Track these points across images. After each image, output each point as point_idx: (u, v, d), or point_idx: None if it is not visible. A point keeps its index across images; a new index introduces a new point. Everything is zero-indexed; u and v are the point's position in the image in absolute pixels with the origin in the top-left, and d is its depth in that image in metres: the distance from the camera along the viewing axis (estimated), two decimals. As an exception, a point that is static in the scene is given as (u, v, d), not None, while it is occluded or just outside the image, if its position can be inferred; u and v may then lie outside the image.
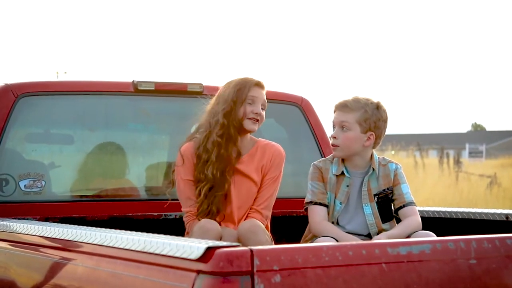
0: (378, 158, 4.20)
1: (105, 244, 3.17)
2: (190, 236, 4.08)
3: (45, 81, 4.83)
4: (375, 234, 4.09)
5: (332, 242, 3.63)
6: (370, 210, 4.13)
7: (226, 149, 4.21)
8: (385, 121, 4.14)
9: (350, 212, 4.14)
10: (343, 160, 4.15)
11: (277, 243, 4.29)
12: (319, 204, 4.10)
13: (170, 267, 2.78)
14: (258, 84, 4.29)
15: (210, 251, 2.61)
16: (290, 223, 4.94)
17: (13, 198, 4.46)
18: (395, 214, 4.16)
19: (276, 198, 4.37)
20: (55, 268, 3.58)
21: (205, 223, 4.05)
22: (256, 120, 4.24)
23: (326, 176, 4.14)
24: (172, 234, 3.32)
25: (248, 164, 4.28)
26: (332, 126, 4.16)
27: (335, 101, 4.13)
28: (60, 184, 4.80)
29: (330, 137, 4.23)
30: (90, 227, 3.61)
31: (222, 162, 4.19)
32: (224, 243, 2.66)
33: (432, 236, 3.87)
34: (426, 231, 3.98)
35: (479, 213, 4.52)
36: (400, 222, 4.11)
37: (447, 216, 4.71)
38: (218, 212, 4.20)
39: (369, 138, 4.10)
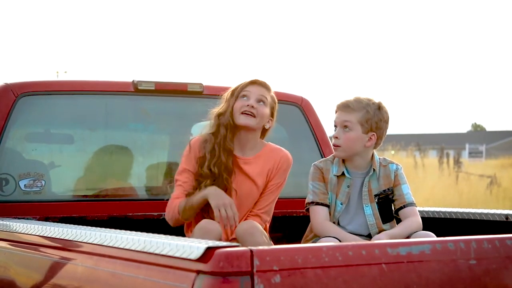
0: (379, 158, 4.20)
1: (105, 244, 3.17)
2: (191, 237, 4.07)
3: (45, 80, 4.82)
4: (375, 234, 4.08)
5: (332, 243, 3.63)
6: (370, 210, 4.13)
7: (220, 146, 4.17)
8: (386, 121, 4.14)
9: (350, 213, 4.14)
10: (343, 160, 4.15)
11: (277, 243, 4.29)
12: (321, 204, 4.10)
13: (170, 267, 2.77)
14: (252, 81, 4.25)
15: (210, 251, 2.61)
16: (290, 223, 4.94)
17: (13, 198, 4.47)
18: (396, 214, 4.16)
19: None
20: (55, 268, 3.58)
21: (206, 224, 4.02)
22: (250, 114, 4.17)
23: (327, 177, 4.13)
24: (172, 234, 3.32)
25: (254, 166, 4.25)
26: (334, 126, 4.16)
27: (335, 101, 4.13)
28: (60, 184, 4.80)
29: (331, 137, 4.22)
30: (90, 227, 3.61)
31: (218, 158, 4.15)
32: (224, 243, 2.66)
33: (432, 236, 3.87)
34: (426, 231, 3.98)
35: (479, 213, 4.52)
36: (400, 222, 4.11)
37: (446, 217, 4.71)
38: None
39: (370, 138, 4.10)
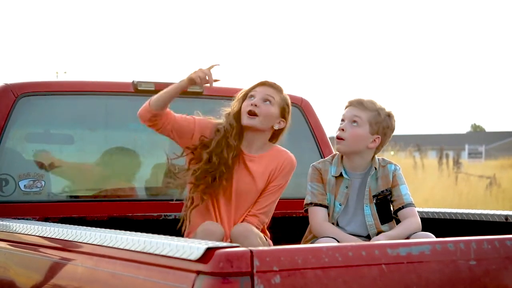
0: (378, 159, 4.20)
1: (104, 244, 3.17)
2: (193, 238, 4.06)
3: (45, 81, 4.83)
4: (374, 235, 4.08)
5: (332, 243, 3.63)
6: (369, 211, 4.13)
7: (226, 143, 4.16)
8: (392, 130, 4.16)
9: (349, 214, 4.14)
10: (342, 160, 4.15)
11: (276, 244, 4.29)
12: (319, 205, 4.10)
13: (170, 267, 2.77)
14: (262, 82, 4.24)
15: (210, 251, 2.60)
16: (289, 224, 4.94)
17: (13, 198, 4.47)
18: (395, 215, 4.16)
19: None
20: (54, 268, 3.58)
21: (208, 226, 4.02)
22: (253, 113, 4.15)
23: (325, 177, 4.13)
24: (172, 235, 3.32)
25: (258, 165, 4.23)
26: (341, 120, 4.13)
27: (335, 102, 4.23)
28: (60, 184, 4.80)
29: (331, 137, 4.22)
30: (89, 227, 3.61)
31: (221, 152, 4.14)
32: (224, 244, 2.66)
33: (432, 237, 3.87)
34: (426, 232, 3.98)
35: (479, 214, 4.52)
36: (399, 223, 4.11)
37: (446, 217, 4.71)
38: (209, 187, 4.15)
39: (374, 140, 4.11)
